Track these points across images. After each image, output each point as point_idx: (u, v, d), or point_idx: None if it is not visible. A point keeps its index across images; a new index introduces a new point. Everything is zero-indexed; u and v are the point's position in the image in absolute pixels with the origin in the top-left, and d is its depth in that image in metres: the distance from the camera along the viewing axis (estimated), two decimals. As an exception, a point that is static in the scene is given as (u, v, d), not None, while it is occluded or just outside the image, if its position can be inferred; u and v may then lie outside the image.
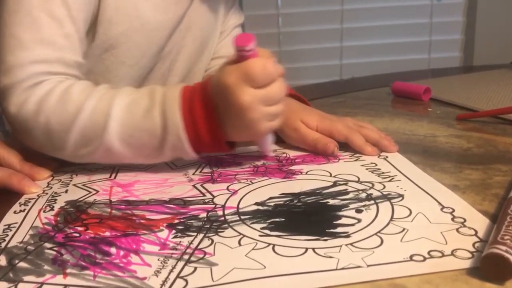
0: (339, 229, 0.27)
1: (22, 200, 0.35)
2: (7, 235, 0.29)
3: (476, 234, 0.26)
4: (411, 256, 0.24)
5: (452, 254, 0.24)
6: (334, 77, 1.27)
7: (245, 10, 1.23)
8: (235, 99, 0.33)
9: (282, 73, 0.35)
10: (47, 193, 0.36)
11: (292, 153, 0.42)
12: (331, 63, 1.28)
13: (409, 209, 0.29)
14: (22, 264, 0.26)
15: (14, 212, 0.33)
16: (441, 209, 0.29)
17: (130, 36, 0.44)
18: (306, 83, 0.85)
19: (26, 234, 0.29)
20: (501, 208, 0.28)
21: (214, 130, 0.35)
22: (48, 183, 0.38)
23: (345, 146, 0.42)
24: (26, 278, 0.24)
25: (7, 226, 0.30)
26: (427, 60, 1.30)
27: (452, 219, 0.28)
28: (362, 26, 1.26)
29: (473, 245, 0.25)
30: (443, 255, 0.24)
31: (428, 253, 0.24)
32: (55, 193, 0.36)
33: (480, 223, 0.27)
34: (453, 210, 0.29)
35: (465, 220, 0.27)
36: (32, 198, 0.35)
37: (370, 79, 0.79)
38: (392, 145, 0.41)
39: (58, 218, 0.31)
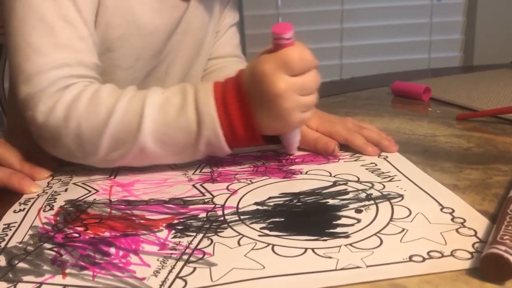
0: (338, 229, 0.27)
1: (22, 199, 0.35)
2: (7, 235, 0.29)
3: (475, 235, 0.26)
4: (410, 257, 0.24)
5: (451, 254, 0.24)
6: (334, 77, 1.27)
7: (245, 10, 1.23)
8: (271, 86, 0.33)
9: (317, 64, 0.36)
10: (47, 193, 0.36)
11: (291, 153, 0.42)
12: (331, 63, 1.28)
13: (409, 209, 0.29)
14: (22, 264, 0.26)
15: (14, 212, 0.33)
16: (441, 210, 0.29)
17: (126, 40, 0.44)
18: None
19: (26, 234, 0.29)
20: (501, 208, 0.28)
21: (248, 121, 0.35)
22: (48, 183, 0.38)
23: (346, 146, 0.42)
24: (25, 278, 0.24)
25: (6, 226, 0.30)
26: (427, 60, 1.30)
27: (452, 220, 0.28)
28: (362, 26, 1.26)
29: (473, 245, 0.25)
30: (442, 256, 0.24)
31: (428, 253, 0.24)
32: (55, 192, 0.36)
33: (480, 223, 0.27)
34: (453, 211, 0.29)
35: (464, 221, 0.27)
36: (32, 198, 0.35)
37: (370, 79, 0.79)
38: (392, 145, 0.41)
39: (58, 218, 0.31)
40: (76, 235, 0.29)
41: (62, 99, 0.36)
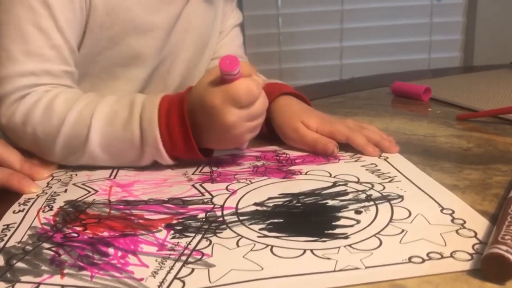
0: (338, 230, 0.27)
1: (21, 200, 0.35)
2: (6, 235, 0.29)
3: (475, 236, 0.26)
4: (410, 258, 0.24)
5: (451, 256, 0.24)
6: (334, 77, 1.27)
7: (245, 10, 1.23)
8: (221, 119, 0.35)
9: (263, 84, 0.37)
10: (46, 193, 0.36)
11: (292, 154, 0.42)
12: (331, 63, 1.28)
13: (409, 210, 0.29)
14: (20, 264, 0.26)
15: (13, 212, 0.33)
16: (441, 211, 0.29)
17: (122, 38, 0.44)
18: (306, 83, 0.85)
19: (25, 234, 0.29)
20: (501, 208, 0.28)
21: (189, 143, 0.37)
22: (48, 183, 0.38)
23: (346, 146, 0.42)
24: (23, 278, 0.24)
25: (5, 226, 0.30)
26: (427, 60, 1.30)
27: (452, 221, 0.28)
28: (362, 26, 1.26)
29: (473, 247, 0.25)
30: (442, 257, 0.24)
31: (427, 254, 0.24)
32: (55, 192, 0.36)
33: (480, 224, 0.27)
34: (453, 212, 0.29)
35: (465, 222, 0.27)
36: (32, 198, 0.35)
37: (370, 79, 0.79)
38: (393, 145, 0.41)
39: (57, 218, 0.31)
40: (75, 235, 0.29)
41: (21, 106, 0.39)
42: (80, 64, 0.43)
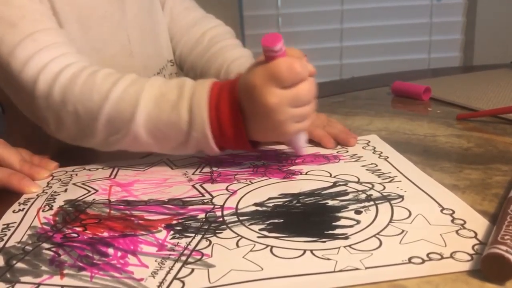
0: (337, 231, 0.27)
1: (21, 199, 0.35)
2: (6, 235, 0.29)
3: (475, 237, 0.26)
4: (409, 258, 0.24)
5: (451, 256, 0.24)
6: (334, 77, 1.28)
7: (245, 10, 1.23)
8: (262, 100, 0.33)
9: (313, 72, 0.35)
10: (46, 192, 0.36)
11: (291, 153, 0.42)
12: (331, 63, 1.28)
13: (409, 210, 0.29)
14: (20, 265, 0.26)
15: (13, 212, 0.33)
16: (441, 211, 0.29)
17: (59, 14, 0.43)
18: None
19: (25, 234, 0.29)
20: (501, 208, 0.28)
21: (239, 131, 0.35)
22: (48, 183, 0.38)
23: (346, 146, 0.42)
24: (23, 278, 0.24)
25: (5, 226, 0.30)
26: (427, 60, 1.30)
27: (452, 221, 0.27)
28: (362, 26, 1.26)
29: (473, 247, 0.25)
30: (442, 258, 0.24)
31: (427, 255, 0.24)
32: (55, 192, 0.36)
33: (480, 225, 0.27)
34: (453, 212, 0.29)
35: (465, 222, 0.27)
36: (32, 198, 0.35)
37: (370, 79, 0.79)
38: (350, 138, 0.43)
39: (57, 218, 0.31)
40: (75, 235, 0.29)
41: (58, 83, 0.37)
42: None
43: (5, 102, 0.49)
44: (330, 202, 0.31)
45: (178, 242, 0.27)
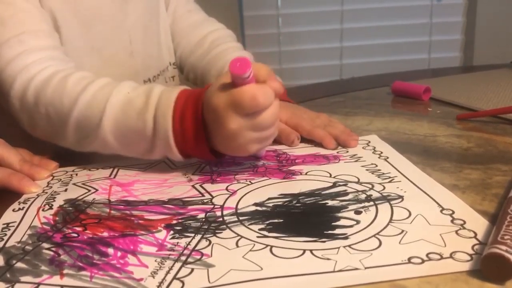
0: (337, 231, 0.27)
1: (21, 199, 0.35)
2: (6, 234, 0.29)
3: (475, 237, 0.26)
4: (409, 259, 0.24)
5: (451, 256, 0.24)
6: (334, 77, 1.28)
7: (245, 10, 1.23)
8: (223, 124, 0.33)
9: (280, 93, 0.35)
10: (46, 192, 0.36)
11: (292, 153, 0.42)
12: (331, 63, 1.29)
13: (409, 210, 0.29)
14: (20, 265, 0.26)
15: (13, 211, 0.33)
16: (441, 211, 0.29)
17: (62, 13, 0.44)
18: (306, 83, 0.85)
19: (25, 233, 0.29)
20: (501, 208, 0.28)
21: (201, 144, 0.36)
22: (48, 183, 0.38)
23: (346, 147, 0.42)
24: (23, 278, 0.24)
25: (5, 225, 0.30)
26: (427, 60, 1.30)
27: (452, 221, 0.27)
28: (362, 26, 1.26)
29: (472, 247, 0.25)
30: (441, 258, 0.24)
31: (427, 255, 0.24)
32: (55, 192, 0.36)
33: (480, 225, 0.27)
34: (453, 212, 0.29)
35: (464, 222, 0.27)
36: (32, 197, 0.35)
37: (370, 79, 0.79)
38: (350, 139, 0.43)
39: (57, 218, 0.31)
40: (75, 235, 0.29)
41: (32, 84, 0.38)
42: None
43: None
44: (330, 202, 0.31)
45: (177, 242, 0.27)
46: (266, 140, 0.36)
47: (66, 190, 0.36)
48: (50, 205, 0.33)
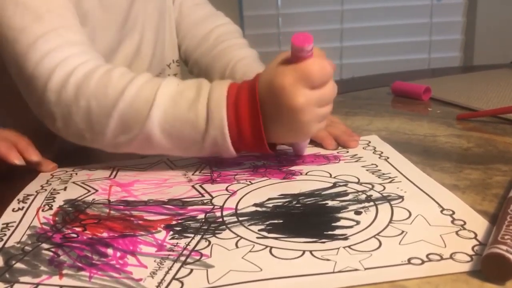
0: (337, 231, 0.27)
1: (20, 196, 0.35)
2: (5, 235, 0.29)
3: (475, 237, 0.26)
4: (409, 259, 0.24)
5: (451, 257, 0.24)
6: (334, 77, 1.27)
7: (245, 10, 1.23)
8: (290, 100, 0.32)
9: (335, 69, 0.35)
10: (45, 190, 0.36)
11: (291, 154, 0.42)
12: (331, 63, 1.28)
13: (409, 211, 0.29)
14: (19, 265, 0.26)
15: (13, 210, 0.33)
16: (441, 211, 0.29)
17: (94, 12, 0.44)
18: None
19: (24, 234, 0.29)
20: (501, 208, 0.28)
21: (257, 130, 0.34)
22: (48, 180, 0.38)
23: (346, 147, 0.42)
24: (22, 279, 0.24)
25: (5, 225, 0.30)
26: (427, 60, 1.30)
27: (452, 222, 0.27)
28: (362, 26, 1.26)
29: (473, 248, 0.24)
30: (441, 259, 0.24)
31: (427, 256, 0.24)
32: (54, 190, 0.36)
33: (480, 225, 0.27)
34: (453, 213, 0.28)
35: (465, 223, 0.27)
36: (31, 195, 0.35)
37: (370, 79, 0.79)
38: (351, 140, 0.43)
39: (57, 218, 0.31)
40: (74, 235, 0.29)
41: (73, 77, 0.36)
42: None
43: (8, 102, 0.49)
44: (330, 203, 0.31)
45: (177, 243, 0.27)
46: (325, 118, 0.36)
47: (65, 188, 0.36)
48: (49, 205, 0.33)
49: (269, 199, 0.32)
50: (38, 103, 0.38)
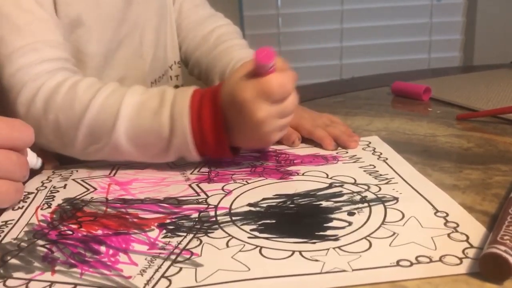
0: (328, 232, 0.27)
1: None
2: (3, 231, 0.30)
3: (467, 240, 0.25)
4: (398, 261, 0.24)
5: (440, 260, 0.24)
6: (334, 77, 1.27)
7: (245, 10, 1.23)
8: (251, 114, 0.34)
9: (296, 79, 0.36)
10: (46, 187, 0.36)
11: (291, 154, 0.42)
12: (331, 63, 1.28)
13: (402, 212, 0.29)
14: (14, 261, 0.26)
15: (13, 209, 0.33)
16: (435, 213, 0.29)
17: (88, 14, 0.44)
18: (306, 83, 0.85)
19: (21, 230, 0.30)
20: (501, 208, 0.27)
21: (220, 138, 0.36)
22: (48, 177, 0.39)
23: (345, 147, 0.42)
24: (15, 274, 0.25)
25: (4, 223, 0.31)
26: (427, 60, 1.29)
27: (445, 224, 0.27)
28: (362, 26, 1.26)
29: (463, 251, 0.24)
30: (431, 261, 0.24)
31: (416, 258, 0.24)
32: (54, 187, 0.36)
33: (473, 228, 0.27)
34: (447, 215, 0.28)
35: (457, 225, 0.27)
36: (32, 193, 0.35)
37: (370, 79, 0.79)
38: (350, 141, 0.43)
39: (54, 216, 0.32)
40: (70, 232, 0.29)
41: (41, 92, 0.38)
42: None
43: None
44: (324, 203, 0.31)
45: (169, 241, 0.27)
46: (286, 127, 0.37)
47: (65, 186, 0.37)
48: (49, 204, 0.34)
49: (264, 199, 0.32)
50: (12, 112, 0.39)
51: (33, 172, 0.37)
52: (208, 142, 0.36)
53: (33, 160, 0.38)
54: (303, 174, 0.37)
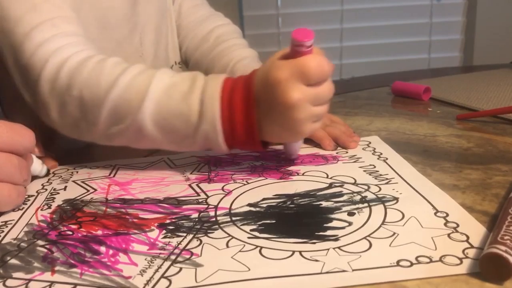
0: (328, 232, 0.27)
1: None
2: (3, 231, 0.30)
3: (467, 240, 0.25)
4: (398, 261, 0.24)
5: (440, 260, 0.24)
6: (334, 77, 1.27)
7: (245, 10, 1.23)
8: (284, 95, 0.31)
9: (333, 70, 0.34)
10: (46, 189, 0.36)
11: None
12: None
13: (402, 212, 0.29)
14: (13, 261, 0.26)
15: (13, 210, 0.33)
16: (435, 214, 0.29)
17: (80, 10, 0.43)
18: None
19: (21, 231, 0.30)
20: (501, 208, 0.27)
21: (250, 126, 0.34)
22: (49, 179, 0.39)
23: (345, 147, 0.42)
24: (15, 274, 0.25)
25: (3, 223, 0.31)
26: (427, 60, 1.30)
27: (445, 224, 0.27)
28: (362, 26, 1.26)
29: (463, 251, 0.24)
30: (431, 261, 0.24)
31: (416, 258, 0.24)
32: (54, 189, 0.36)
33: (473, 228, 0.26)
34: (447, 215, 0.28)
35: (458, 225, 0.27)
36: (32, 195, 0.35)
37: (370, 79, 0.79)
38: (350, 141, 0.42)
39: (54, 216, 0.31)
40: (70, 232, 0.29)
41: (66, 67, 0.36)
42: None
43: (8, 99, 0.50)
44: (324, 203, 0.31)
45: (169, 241, 0.27)
46: (320, 118, 0.35)
47: (65, 188, 0.37)
48: (49, 205, 0.34)
49: (264, 199, 0.32)
50: (33, 94, 0.38)
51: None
52: (238, 130, 0.34)
53: (38, 167, 0.38)
54: (303, 174, 0.37)
